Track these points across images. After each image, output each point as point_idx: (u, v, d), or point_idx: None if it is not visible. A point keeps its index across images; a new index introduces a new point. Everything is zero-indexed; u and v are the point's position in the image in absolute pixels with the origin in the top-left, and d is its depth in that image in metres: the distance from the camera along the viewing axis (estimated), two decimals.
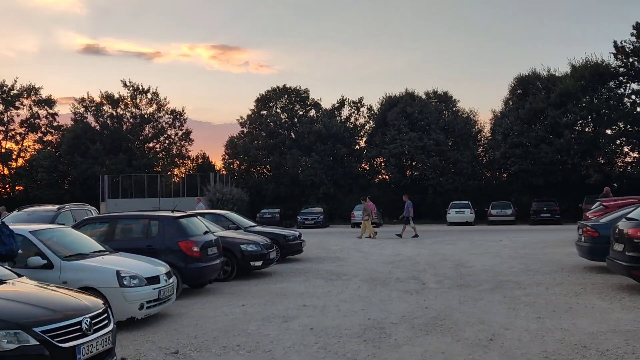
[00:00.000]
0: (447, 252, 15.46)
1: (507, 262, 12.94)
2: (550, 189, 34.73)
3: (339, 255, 15.61)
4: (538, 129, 34.75)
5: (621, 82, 34.32)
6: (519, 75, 37.98)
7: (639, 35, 32.94)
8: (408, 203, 22.02)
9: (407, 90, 40.90)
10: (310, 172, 38.47)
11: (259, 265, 11.42)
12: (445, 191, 36.92)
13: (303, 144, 40.17)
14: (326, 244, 19.34)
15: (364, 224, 21.97)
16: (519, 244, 17.53)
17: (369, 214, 21.94)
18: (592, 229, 10.66)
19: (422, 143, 37.00)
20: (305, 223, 32.45)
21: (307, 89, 42.92)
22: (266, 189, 40.04)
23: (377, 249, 16.93)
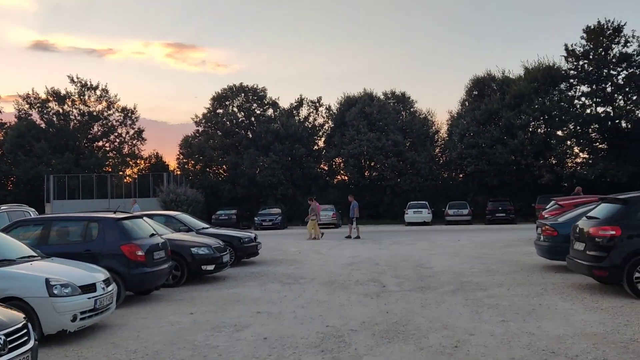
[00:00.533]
0: (406, 253, 15.21)
1: (466, 262, 12.75)
2: (504, 188, 35.33)
3: (296, 257, 15.10)
4: (493, 130, 35.27)
5: (572, 84, 35.25)
6: (475, 76, 38.58)
7: (589, 39, 33.88)
8: (354, 204, 21.68)
9: (365, 90, 40.84)
10: (268, 173, 37.78)
11: (211, 269, 10.78)
12: (403, 191, 37.01)
13: (260, 143, 39.44)
14: (284, 245, 18.80)
15: (310, 225, 21.42)
16: (476, 243, 17.49)
17: (315, 215, 21.46)
18: (551, 228, 10.55)
19: (380, 143, 36.95)
20: (262, 224, 31.77)
21: (265, 88, 42.26)
22: (222, 190, 39.09)
23: (336, 251, 16.52)
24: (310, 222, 21.48)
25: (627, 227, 7.93)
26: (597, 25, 33.25)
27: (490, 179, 34.94)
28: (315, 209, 21.61)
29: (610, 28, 32.90)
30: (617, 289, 8.34)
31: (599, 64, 33.24)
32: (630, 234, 7.90)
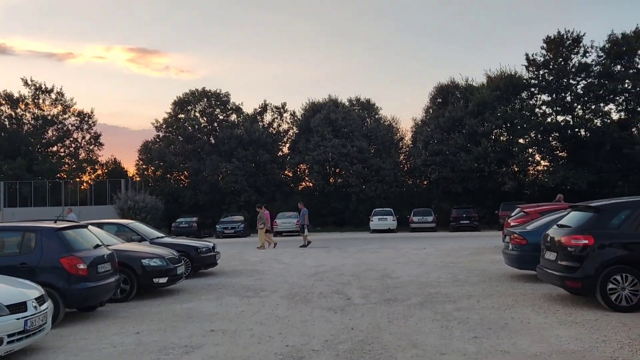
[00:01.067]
0: (371, 262, 14.75)
1: (433, 271, 12.38)
2: (468, 195, 35.51)
3: (258, 267, 14.44)
4: (457, 137, 35.45)
5: (533, 93, 35.83)
6: (439, 84, 38.81)
7: (549, 49, 34.54)
8: (304, 211, 20.94)
9: (330, 96, 40.54)
10: (230, 179, 36.93)
11: (164, 282, 10.02)
12: (368, 198, 36.77)
13: (223, 149, 38.55)
14: (245, 255, 18.08)
15: (260, 233, 20.42)
16: (442, 251, 17.21)
17: (264, 223, 20.38)
18: (519, 237, 10.27)
19: (345, 150, 36.64)
20: (224, 232, 30.90)
21: (228, 93, 41.46)
22: (183, 197, 37.99)
23: (299, 260, 15.93)
24: (260, 231, 20.40)
25: (599, 236, 7.65)
26: (557, 35, 33.94)
27: (454, 186, 35.05)
28: (263, 217, 20.47)
29: (570, 38, 33.62)
30: (589, 301, 8.05)
31: (559, 73, 33.91)
32: (603, 243, 7.63)
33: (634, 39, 31.90)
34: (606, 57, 32.86)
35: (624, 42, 32.17)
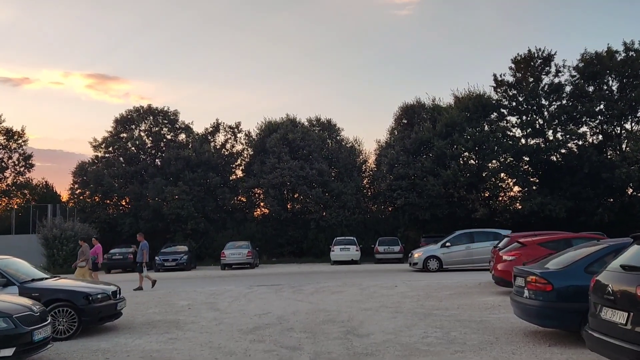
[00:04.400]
0: (332, 308, 11.45)
1: (415, 324, 9.17)
2: (437, 223, 32.84)
3: (181, 317, 10.90)
4: (424, 160, 32.92)
5: (503, 114, 33.83)
6: (404, 104, 36.48)
7: (517, 69, 32.75)
8: (143, 244, 16.86)
9: (288, 115, 37.57)
10: (176, 204, 33.07)
11: (8, 355, 6.43)
12: (329, 226, 33.59)
13: (169, 171, 34.79)
14: (174, 296, 14.46)
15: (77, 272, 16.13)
16: (418, 291, 14.08)
17: (86, 259, 16.37)
18: (542, 280, 7.20)
19: (304, 172, 33.51)
20: (165, 265, 26.96)
21: (177, 111, 37.81)
22: (122, 224, 33.78)
23: (239, 305, 12.45)
24: (79, 270, 16.17)
25: None
26: (528, 54, 32.19)
27: (421, 213, 32.32)
28: (85, 252, 16.41)
29: (541, 57, 31.89)
30: None
31: (529, 95, 32.02)
32: None
33: (607, 59, 30.36)
34: (580, 76, 31.21)
35: (597, 62, 30.59)
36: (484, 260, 20.38)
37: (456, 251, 20.93)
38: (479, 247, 20.79)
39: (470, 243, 21.09)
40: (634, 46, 30.30)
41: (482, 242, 20.83)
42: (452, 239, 21.50)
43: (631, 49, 30.28)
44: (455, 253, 20.91)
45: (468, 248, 20.91)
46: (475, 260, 20.63)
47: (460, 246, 21.04)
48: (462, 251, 20.91)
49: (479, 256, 20.53)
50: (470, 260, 20.76)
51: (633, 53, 30.26)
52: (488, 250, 20.26)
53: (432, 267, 20.81)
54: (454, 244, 21.14)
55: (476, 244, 20.96)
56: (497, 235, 21.12)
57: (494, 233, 21.52)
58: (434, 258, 20.98)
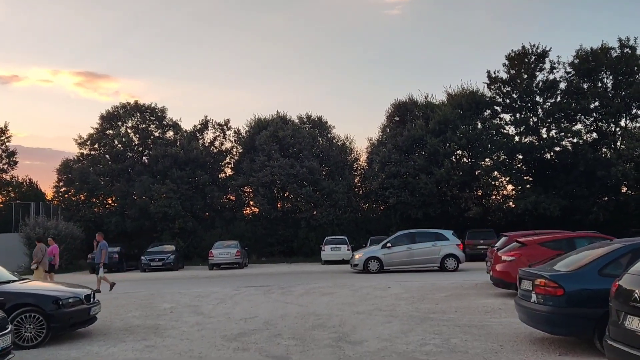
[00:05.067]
0: (322, 311, 10.81)
1: (411, 330, 8.55)
2: (429, 222, 32.25)
3: (163, 320, 10.21)
4: (417, 158, 32.37)
5: (496, 112, 33.35)
6: (397, 101, 35.87)
7: (511, 66, 32.29)
8: (102, 244, 15.75)
9: (278, 112, 36.87)
10: (163, 203, 32.29)
11: None
12: (319, 225, 32.96)
13: (156, 169, 33.96)
14: (157, 298, 13.75)
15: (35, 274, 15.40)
16: (412, 292, 13.48)
17: (38, 261, 15.63)
18: (552, 283, 6.60)
19: (294, 171, 32.84)
20: (151, 265, 26.22)
21: (165, 108, 36.99)
22: (108, 223, 32.92)
23: (225, 308, 11.77)
24: (36, 272, 15.42)
25: None
26: (522, 50, 31.72)
27: (414, 211, 31.79)
28: (38, 253, 15.54)
29: (536, 53, 31.43)
30: None
31: (523, 91, 31.56)
32: None
33: (602, 55, 29.96)
34: (574, 73, 30.80)
35: (592, 58, 30.19)
36: (425, 261, 20.15)
37: (397, 252, 20.17)
38: (420, 247, 20.22)
39: (412, 244, 20.34)
40: (629, 43, 29.97)
41: (424, 243, 20.33)
42: (393, 239, 20.78)
43: (626, 46, 29.93)
44: (396, 254, 20.14)
45: (409, 249, 20.21)
46: (416, 261, 20.12)
47: (401, 247, 20.30)
48: (404, 252, 20.19)
49: (420, 257, 20.09)
50: (411, 261, 20.13)
51: (628, 50, 29.91)
52: (429, 250, 20.13)
53: (373, 269, 20.01)
54: (395, 245, 20.36)
55: (417, 245, 20.27)
56: (439, 235, 20.78)
57: (436, 233, 21.09)
58: (374, 259, 20.16)
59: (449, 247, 20.30)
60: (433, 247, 20.25)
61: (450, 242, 20.48)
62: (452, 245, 20.40)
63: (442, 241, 20.40)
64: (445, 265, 20.09)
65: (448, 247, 20.29)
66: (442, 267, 20.13)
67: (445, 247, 20.24)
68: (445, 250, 20.20)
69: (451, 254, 20.18)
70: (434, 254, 20.16)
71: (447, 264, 20.09)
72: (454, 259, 20.17)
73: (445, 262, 20.11)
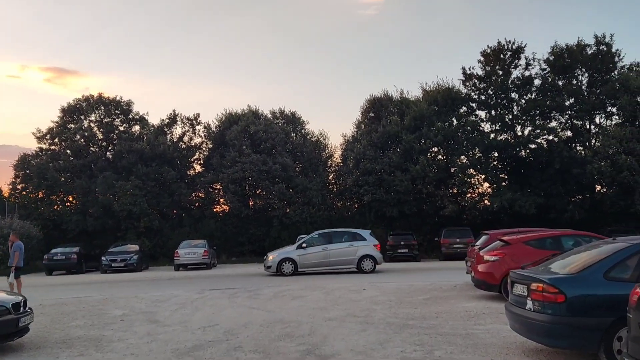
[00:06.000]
0: (291, 317, 9.79)
1: (390, 340, 7.61)
2: (404, 220, 31.62)
3: (109, 330, 9.04)
4: (392, 155, 31.62)
5: (472, 108, 32.83)
6: (372, 96, 34.99)
7: (487, 62, 31.79)
8: (16, 245, 13.80)
9: (250, 107, 35.65)
10: (128, 200, 30.74)
11: None
12: (293, 223, 31.91)
13: (120, 165, 32.38)
14: (110, 303, 12.53)
15: None
16: (389, 295, 12.58)
17: None
18: (552, 288, 5.72)
19: (266, 167, 31.70)
20: (112, 266, 24.78)
21: (131, 101, 35.30)
22: (68, 222, 31.24)
23: (183, 314, 10.64)
24: None
25: None
26: (497, 45, 31.22)
27: (389, 209, 31.02)
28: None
29: (511, 49, 30.97)
30: None
31: (498, 88, 31.09)
32: None
33: (577, 52, 29.68)
34: (550, 70, 30.45)
35: (568, 55, 29.87)
36: (342, 262, 19.08)
37: (313, 253, 19.11)
38: (336, 248, 19.20)
39: (328, 244, 19.32)
40: (605, 40, 29.74)
41: (340, 243, 19.36)
42: (308, 239, 19.70)
43: (602, 43, 29.70)
44: (311, 255, 19.07)
45: (325, 249, 19.17)
46: (333, 263, 19.09)
47: (317, 247, 19.24)
48: (319, 253, 19.13)
49: (336, 258, 19.09)
50: (327, 262, 19.08)
51: (604, 47, 29.68)
52: (346, 251, 19.09)
53: (287, 271, 18.90)
54: (310, 245, 19.30)
55: (334, 245, 19.27)
56: (357, 235, 19.77)
57: (353, 233, 20.10)
58: (289, 261, 19.04)
59: (366, 247, 19.27)
60: (350, 247, 19.22)
61: (368, 242, 19.47)
62: (369, 245, 19.38)
63: (360, 241, 19.40)
64: (362, 266, 19.05)
65: (365, 247, 19.26)
66: (358, 268, 19.05)
67: (362, 248, 19.23)
68: (362, 251, 19.19)
69: (368, 255, 19.18)
70: (350, 255, 19.12)
71: (364, 266, 19.06)
72: (371, 260, 19.17)
73: (362, 263, 19.08)
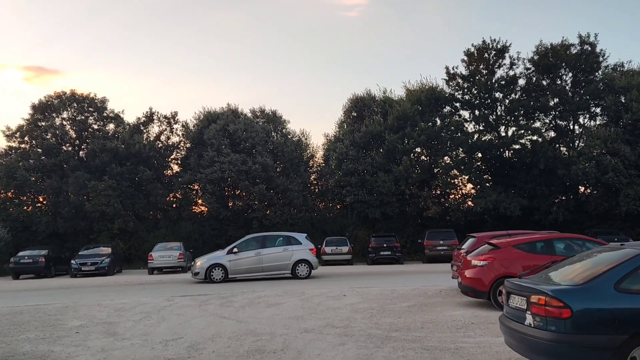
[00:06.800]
0: (264, 329, 8.96)
1: (371, 356, 6.84)
2: (387, 221, 31.01)
3: (59, 345, 8.12)
4: (375, 155, 30.97)
5: (456, 108, 32.35)
6: (354, 95, 34.30)
7: (470, 62, 31.34)
8: None
9: (229, 105, 34.71)
10: (101, 201, 29.56)
11: None
12: (273, 225, 31.05)
13: (93, 164, 31.17)
14: (69, 313, 11.55)
15: None
16: (370, 302, 11.83)
17: None
18: (556, 301, 4.99)
19: (246, 167, 30.78)
20: (82, 270, 23.67)
21: (105, 98, 33.97)
22: (38, 224, 29.95)
23: (145, 326, 9.73)
24: None
25: None
26: (482, 44, 30.79)
27: (371, 211, 30.36)
28: None
29: (495, 48, 30.56)
30: None
31: (483, 88, 30.64)
32: None
33: (562, 51, 29.35)
34: (534, 69, 30.09)
35: (552, 55, 29.53)
36: (276, 267, 18.07)
37: (245, 258, 17.97)
38: (270, 253, 18.14)
39: (262, 248, 18.21)
40: (589, 39, 29.48)
41: (274, 248, 18.36)
42: (240, 243, 18.54)
43: (586, 42, 29.44)
44: (243, 260, 17.94)
45: (258, 254, 18.06)
46: (266, 268, 18.01)
47: (249, 252, 18.11)
48: (252, 258, 18.01)
49: (270, 263, 18.03)
50: (261, 267, 18.01)
51: (588, 47, 29.42)
52: (280, 256, 18.09)
53: (217, 278, 17.60)
54: (242, 250, 18.12)
55: (267, 250, 18.20)
56: (291, 239, 18.72)
57: (287, 237, 19.03)
58: (218, 266, 17.74)
59: (301, 252, 18.29)
60: (284, 252, 18.21)
61: (303, 246, 18.48)
62: (304, 249, 18.41)
63: (294, 245, 18.38)
64: (297, 272, 18.10)
65: (300, 252, 18.28)
66: (293, 274, 18.14)
67: (297, 252, 18.24)
68: (297, 255, 18.20)
69: (303, 260, 18.20)
70: (285, 260, 18.13)
71: (299, 271, 18.11)
72: (307, 265, 18.21)
73: (297, 268, 18.12)
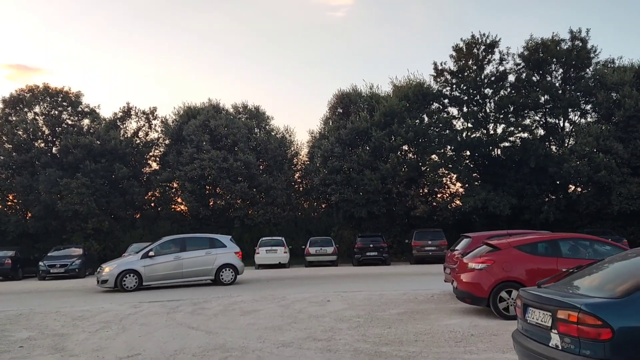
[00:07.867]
0: (236, 342, 7.85)
1: None
2: (373, 221, 30.05)
3: None
4: (361, 153, 29.98)
5: (444, 104, 31.50)
6: (340, 91, 33.28)
7: (459, 58, 30.51)
8: None
9: (210, 101, 33.48)
10: (73, 199, 28.16)
11: None
12: (255, 224, 29.98)
13: (66, 161, 29.74)
14: (20, 322, 10.33)
15: None
16: (357, 308, 10.78)
17: None
18: (592, 318, 3.98)
19: (227, 164, 29.60)
20: (51, 272, 22.27)
21: (80, 92, 32.58)
22: (7, 223, 28.45)
23: (100, 339, 8.56)
24: None
25: None
26: (471, 39, 29.96)
27: (357, 210, 29.37)
28: None
29: (485, 43, 29.74)
30: None
31: (471, 84, 29.82)
32: None
33: (552, 47, 28.63)
34: (524, 65, 29.34)
35: (543, 50, 28.81)
36: (198, 273, 16.52)
37: (162, 262, 16.24)
38: (191, 257, 16.50)
39: (182, 252, 16.56)
40: (580, 35, 28.82)
41: (196, 251, 16.67)
42: (157, 246, 16.78)
43: (577, 38, 28.78)
44: (161, 265, 16.20)
45: (178, 258, 16.38)
46: (187, 274, 16.41)
47: (167, 256, 16.41)
48: (171, 262, 16.30)
49: (192, 268, 16.41)
50: (181, 273, 16.36)
51: (579, 42, 28.75)
52: (203, 260, 16.55)
53: (129, 286, 15.73)
54: (159, 254, 16.42)
55: (188, 253, 16.55)
56: (215, 241, 17.19)
57: (210, 239, 17.41)
58: (131, 273, 15.87)
59: (225, 255, 16.88)
60: (207, 255, 16.65)
61: (228, 249, 17.06)
62: (229, 253, 17.01)
63: (219, 248, 16.91)
64: (221, 277, 16.63)
65: (225, 255, 16.87)
66: (217, 279, 16.66)
67: (222, 256, 16.81)
68: (221, 259, 16.75)
69: (228, 264, 16.78)
70: (208, 264, 16.62)
71: (223, 276, 16.65)
72: (232, 270, 16.77)
73: (221, 273, 16.65)
